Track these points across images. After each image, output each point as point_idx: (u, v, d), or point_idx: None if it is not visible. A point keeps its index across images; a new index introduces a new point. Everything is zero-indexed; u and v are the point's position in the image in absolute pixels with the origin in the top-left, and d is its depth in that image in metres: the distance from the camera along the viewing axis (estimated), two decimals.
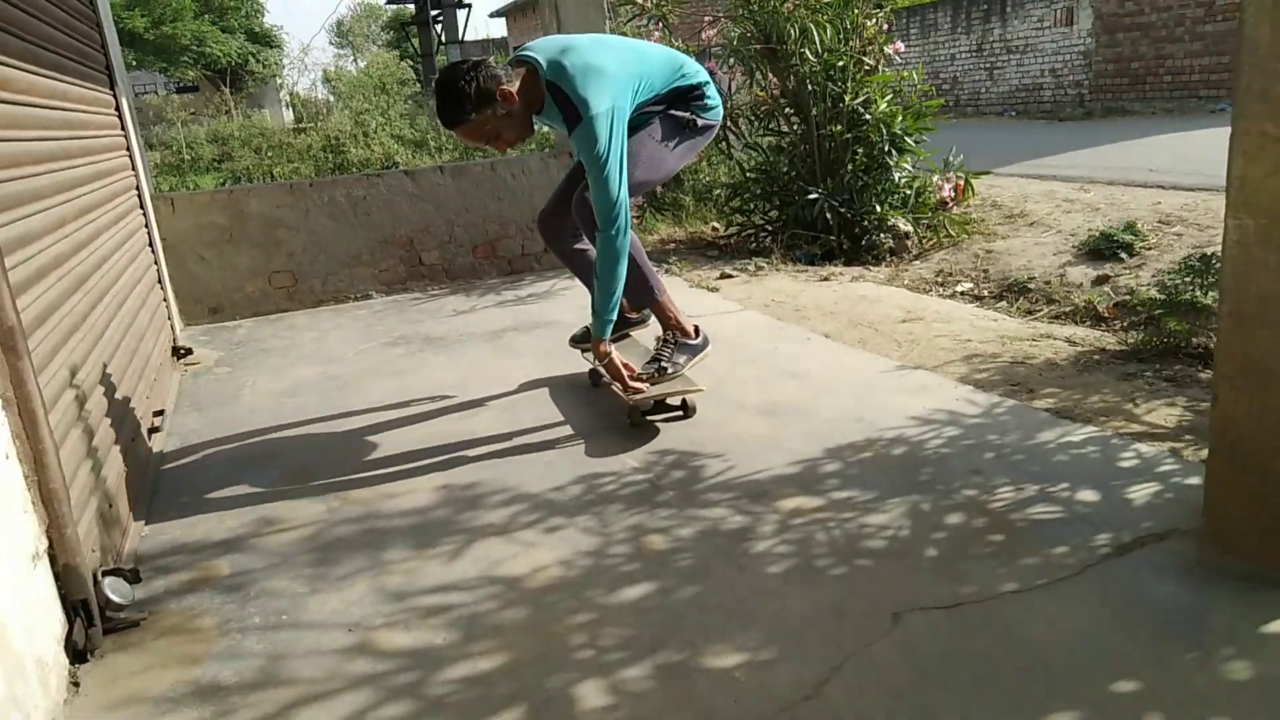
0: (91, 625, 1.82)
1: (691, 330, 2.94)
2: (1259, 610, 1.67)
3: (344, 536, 2.26)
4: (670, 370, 2.82)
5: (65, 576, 1.75)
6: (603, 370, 2.83)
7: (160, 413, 3.15)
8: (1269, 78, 1.58)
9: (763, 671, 1.60)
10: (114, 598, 1.88)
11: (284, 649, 1.80)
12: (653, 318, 3.09)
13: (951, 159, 5.61)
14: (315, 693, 1.65)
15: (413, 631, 1.82)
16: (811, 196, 5.28)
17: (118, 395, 2.58)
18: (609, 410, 3.00)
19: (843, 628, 1.71)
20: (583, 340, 3.13)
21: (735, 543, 2.08)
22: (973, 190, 5.63)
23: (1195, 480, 2.15)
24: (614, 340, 3.04)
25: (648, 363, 2.87)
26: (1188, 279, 3.30)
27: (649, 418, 2.85)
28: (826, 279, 4.82)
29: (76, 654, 1.78)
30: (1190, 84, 12.43)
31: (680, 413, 2.87)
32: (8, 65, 2.21)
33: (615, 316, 2.69)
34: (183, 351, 4.08)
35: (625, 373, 2.74)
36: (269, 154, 11.01)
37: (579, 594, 1.91)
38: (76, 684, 1.73)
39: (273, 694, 1.66)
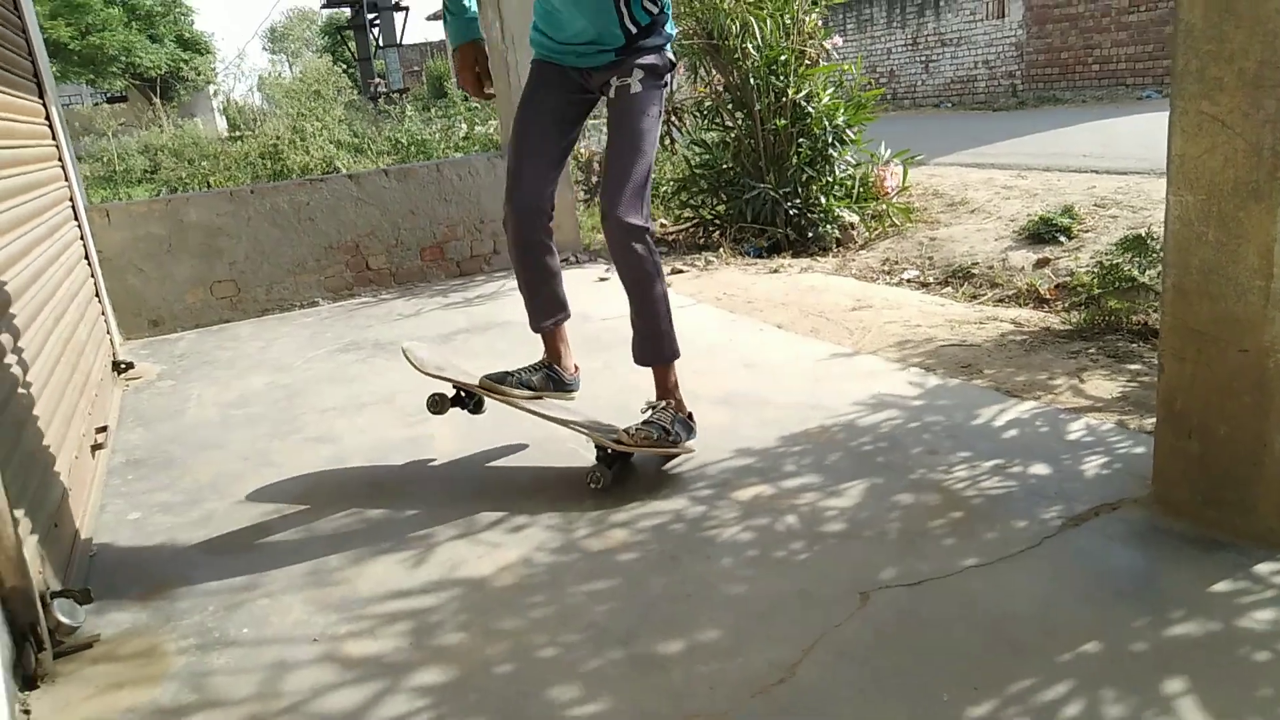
0: (41, 650, 1.75)
1: (688, 415, 2.49)
2: (1207, 572, 1.72)
3: (303, 546, 2.22)
4: (670, 440, 2.36)
5: (12, 600, 1.69)
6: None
7: (103, 429, 3.05)
8: (1204, 59, 1.63)
9: (736, 657, 1.61)
10: (64, 620, 1.81)
11: (247, 664, 1.76)
12: (576, 394, 2.63)
13: (882, 153, 5.72)
14: (283, 707, 1.61)
15: (380, 639, 1.79)
16: (757, 190, 5.32)
17: (59, 412, 2.49)
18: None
19: (811, 610, 1.73)
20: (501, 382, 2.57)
21: (699, 532, 2.08)
22: (906, 174, 5.76)
23: (1141, 450, 2.22)
24: (534, 394, 2.55)
25: (644, 423, 2.35)
26: (1125, 258, 3.41)
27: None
28: (776, 271, 4.86)
29: (26, 681, 1.71)
30: (1117, 72, 12.82)
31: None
32: None
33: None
34: (124, 366, 3.96)
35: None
36: (202, 164, 10.73)
37: (546, 591, 1.90)
38: (27, 712, 1.66)
39: (238, 710, 1.62)
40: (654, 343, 2.41)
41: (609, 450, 2.36)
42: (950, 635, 1.62)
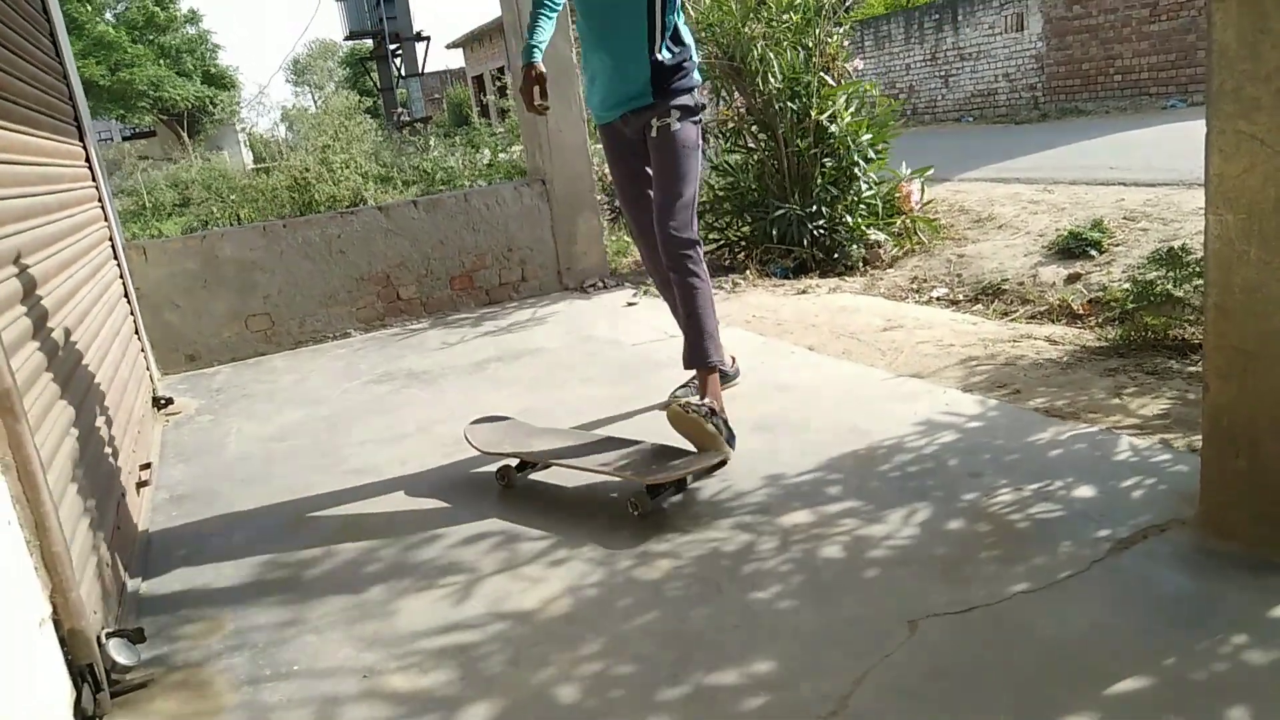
0: (99, 690, 1.78)
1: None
2: (1264, 595, 1.70)
3: (348, 580, 2.24)
4: (715, 421, 2.47)
5: (71, 641, 1.72)
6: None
7: (147, 465, 3.10)
8: (1239, 79, 1.63)
9: (786, 688, 1.60)
10: (120, 660, 1.84)
11: (300, 699, 1.77)
12: (738, 381, 2.93)
13: (903, 170, 5.72)
14: None
15: (429, 674, 1.81)
16: (782, 210, 5.33)
17: (107, 451, 2.54)
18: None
19: (860, 639, 1.72)
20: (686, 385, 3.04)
21: (742, 561, 2.08)
22: (924, 191, 5.77)
23: (1186, 469, 2.19)
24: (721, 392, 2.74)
25: (702, 402, 2.52)
26: (1159, 273, 3.38)
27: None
28: (804, 292, 4.86)
29: None
30: (1140, 82, 12.74)
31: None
32: None
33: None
34: (163, 401, 4.03)
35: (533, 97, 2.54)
36: (231, 197, 10.89)
37: (592, 623, 1.91)
38: None
39: None
40: (701, 345, 2.71)
41: (649, 483, 2.38)
42: (1003, 664, 1.60)
